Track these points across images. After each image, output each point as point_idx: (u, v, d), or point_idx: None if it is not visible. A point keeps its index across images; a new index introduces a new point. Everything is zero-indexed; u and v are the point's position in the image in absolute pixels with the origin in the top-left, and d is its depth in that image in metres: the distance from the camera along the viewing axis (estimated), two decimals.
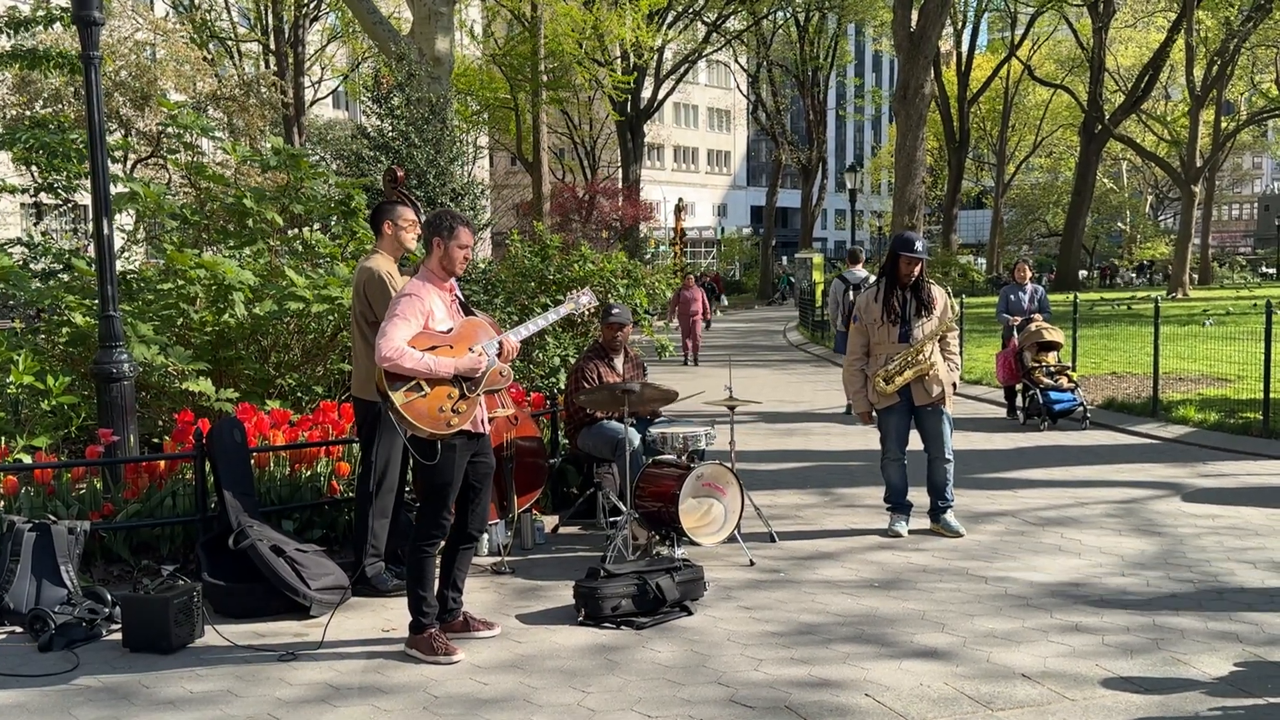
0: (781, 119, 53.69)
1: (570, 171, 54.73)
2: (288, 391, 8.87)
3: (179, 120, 10.33)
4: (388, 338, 4.87)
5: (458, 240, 5.11)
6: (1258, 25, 37.45)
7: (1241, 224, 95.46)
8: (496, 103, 38.46)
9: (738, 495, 6.94)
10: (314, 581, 5.83)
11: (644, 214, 42.07)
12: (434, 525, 5.16)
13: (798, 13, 48.01)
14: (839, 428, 12.30)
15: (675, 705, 4.53)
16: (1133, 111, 42.45)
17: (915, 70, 23.55)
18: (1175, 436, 11.19)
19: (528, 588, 6.31)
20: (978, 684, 4.67)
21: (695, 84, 72.25)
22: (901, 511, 7.49)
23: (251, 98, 27.98)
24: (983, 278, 47.09)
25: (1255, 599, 5.82)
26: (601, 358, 7.66)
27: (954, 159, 48.05)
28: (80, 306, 8.40)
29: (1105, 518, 7.79)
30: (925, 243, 7.63)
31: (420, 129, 12.89)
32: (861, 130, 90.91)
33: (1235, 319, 23.68)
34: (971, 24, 50.03)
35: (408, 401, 4.88)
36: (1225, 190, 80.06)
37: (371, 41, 19.55)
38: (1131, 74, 47.42)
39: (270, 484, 6.96)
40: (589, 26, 29.57)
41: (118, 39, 25.18)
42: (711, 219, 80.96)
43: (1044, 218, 69.81)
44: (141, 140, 24.84)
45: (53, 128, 12.46)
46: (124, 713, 4.56)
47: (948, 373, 7.38)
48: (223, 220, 9.84)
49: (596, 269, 10.85)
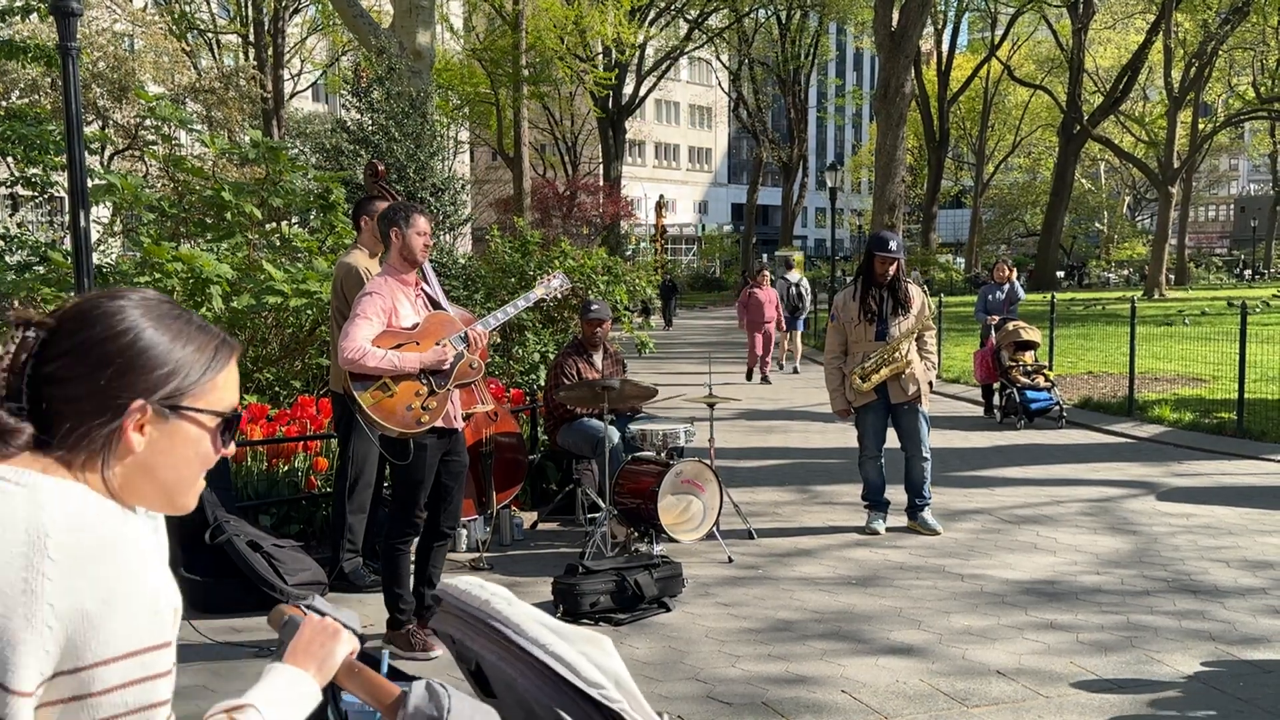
0: (763, 117, 53.77)
1: (551, 167, 54.68)
2: (265, 386, 8.84)
3: (157, 112, 10.28)
4: (349, 338, 4.80)
5: (415, 228, 5.03)
6: (1235, 28, 37.72)
7: (1218, 225, 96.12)
8: (477, 98, 38.37)
9: (716, 492, 6.95)
10: (291, 577, 5.82)
11: (625, 210, 42.06)
12: (407, 523, 5.15)
13: (779, 10, 48.10)
14: (818, 425, 12.34)
15: (653, 701, 4.53)
16: (1111, 112, 42.69)
17: (896, 69, 23.61)
18: (1150, 436, 11.27)
19: (506, 584, 6.25)
20: (953, 681, 4.70)
21: (677, 81, 72.20)
22: (879, 509, 7.52)
23: (230, 90, 27.82)
24: (961, 277, 47.29)
25: (1228, 597, 5.87)
26: (581, 354, 7.66)
27: (934, 158, 48.19)
28: (56, 299, 8.35)
29: (1080, 516, 7.84)
30: (900, 242, 7.66)
31: (400, 123, 12.84)
32: (842, 129, 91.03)
33: (1211, 319, 23.85)
34: (952, 24, 50.20)
35: (375, 402, 4.82)
36: (1202, 191, 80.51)
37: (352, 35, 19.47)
38: (1110, 75, 47.71)
39: (247, 479, 6.94)
40: (570, 22, 29.58)
41: (96, 30, 24.99)
42: (692, 216, 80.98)
43: (1022, 217, 70.10)
44: (119, 132, 24.69)
45: (29, 119, 12.38)
46: None
47: (924, 371, 7.41)
48: (200, 213, 9.79)
49: (577, 265, 10.84)
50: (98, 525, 1.27)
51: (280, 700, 1.44)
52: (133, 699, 1.24)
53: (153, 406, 1.36)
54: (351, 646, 1.61)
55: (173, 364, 1.38)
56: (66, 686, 1.21)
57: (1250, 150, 73.36)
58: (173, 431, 1.38)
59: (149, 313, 1.40)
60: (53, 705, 1.21)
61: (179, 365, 1.38)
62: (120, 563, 1.25)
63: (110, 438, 1.34)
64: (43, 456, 1.32)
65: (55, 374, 1.34)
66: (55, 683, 1.21)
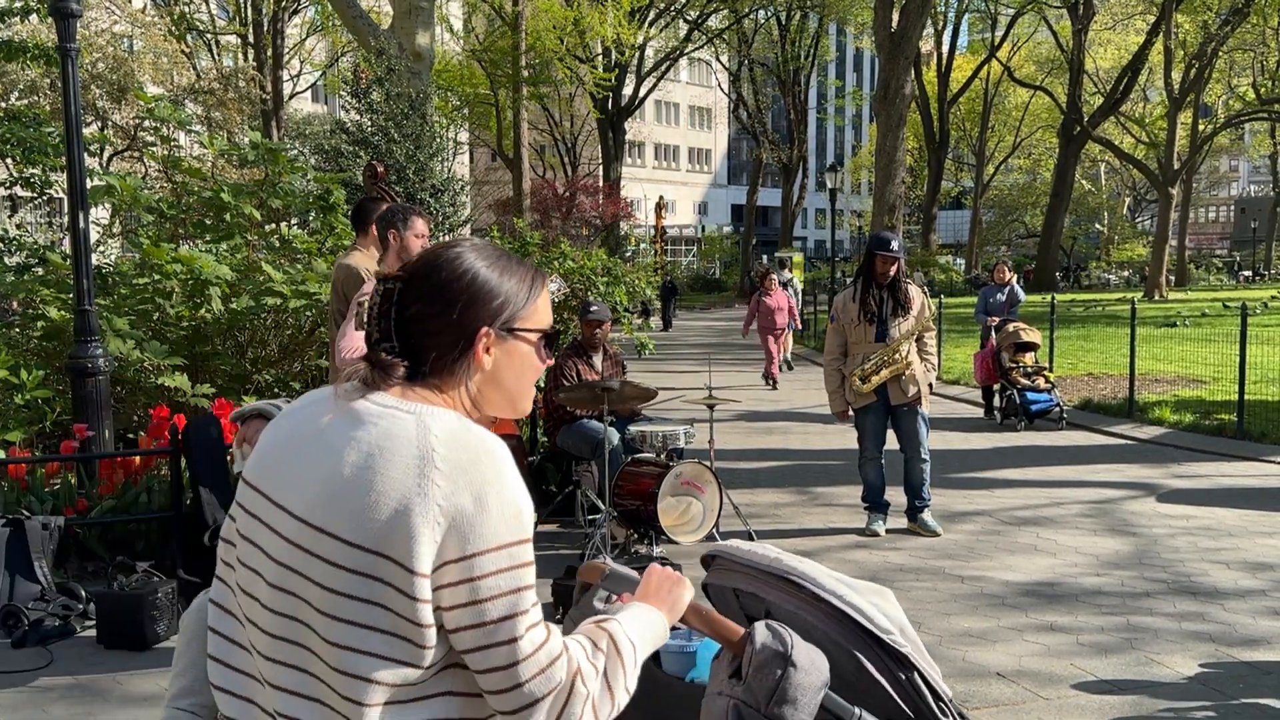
0: (763, 117, 53.74)
1: (551, 168, 54.66)
2: (265, 387, 8.83)
3: (156, 113, 10.28)
4: (347, 338, 4.79)
5: (413, 230, 5.03)
6: (1235, 29, 37.71)
7: (1218, 226, 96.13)
8: (477, 98, 38.36)
9: (716, 494, 6.94)
10: None
11: (624, 211, 42.05)
12: None
13: (779, 11, 48.08)
14: (817, 427, 12.33)
15: None
16: (1111, 113, 42.68)
17: (896, 70, 23.61)
18: (1150, 437, 11.26)
19: None
20: (953, 682, 4.69)
21: (676, 82, 72.20)
22: (879, 510, 7.51)
23: (230, 91, 27.85)
24: (961, 278, 47.29)
25: (1228, 599, 5.87)
26: (580, 355, 7.65)
27: (934, 159, 48.18)
28: (55, 300, 8.35)
29: (1080, 518, 7.84)
30: (901, 242, 7.65)
31: (400, 124, 12.84)
32: (842, 130, 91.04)
33: (1211, 321, 23.85)
34: (952, 25, 50.21)
35: None
36: (1202, 193, 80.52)
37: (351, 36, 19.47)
38: (1110, 76, 47.69)
39: None
40: (570, 23, 29.57)
41: (95, 31, 24.99)
42: (692, 217, 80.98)
43: (1023, 218, 70.09)
44: (118, 133, 24.70)
45: (28, 120, 12.38)
46: (97, 709, 4.53)
47: (924, 372, 7.40)
48: (199, 214, 9.79)
49: (576, 266, 10.84)
50: (471, 442, 1.55)
51: (638, 626, 1.70)
52: (505, 583, 1.50)
53: (494, 331, 1.66)
54: (693, 592, 1.85)
55: (505, 294, 1.68)
56: (454, 571, 1.48)
57: (1250, 151, 73.35)
58: (510, 350, 1.69)
59: (479, 255, 1.69)
60: (446, 587, 1.49)
61: (509, 295, 1.68)
62: (489, 472, 1.53)
63: (466, 361, 1.65)
64: (416, 385, 1.63)
65: (415, 315, 1.64)
66: (445, 569, 1.48)
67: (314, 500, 1.54)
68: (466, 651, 1.51)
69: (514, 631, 1.50)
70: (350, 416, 1.58)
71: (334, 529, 1.51)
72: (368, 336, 1.66)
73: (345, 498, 1.51)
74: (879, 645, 2.06)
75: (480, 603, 1.49)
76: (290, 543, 1.55)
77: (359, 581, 1.49)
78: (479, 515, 1.49)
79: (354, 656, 1.48)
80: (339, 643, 1.49)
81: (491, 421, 6.02)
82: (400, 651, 1.49)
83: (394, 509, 1.48)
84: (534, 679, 1.51)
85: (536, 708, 1.51)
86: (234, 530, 1.68)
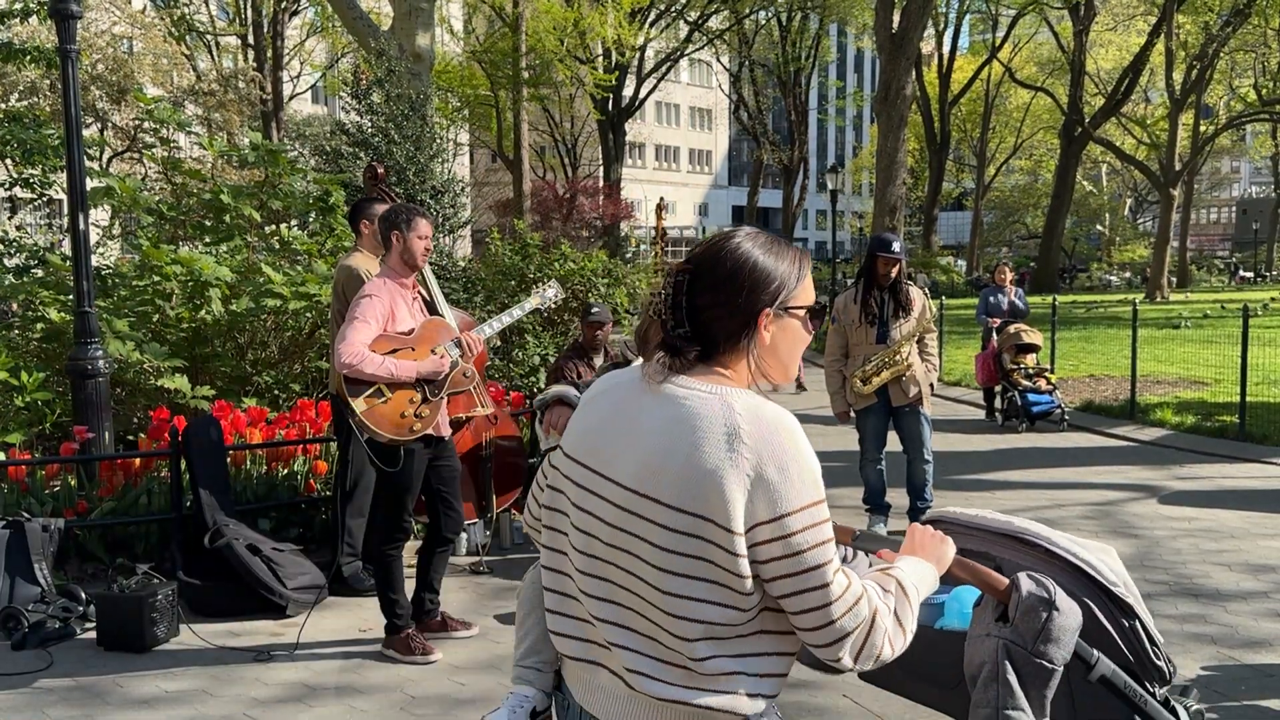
0: (763, 119, 53.73)
1: (551, 169, 54.65)
2: (264, 389, 8.82)
3: (156, 114, 10.27)
4: (347, 342, 4.76)
5: (417, 231, 5.01)
6: (1237, 30, 37.69)
7: (1220, 227, 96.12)
8: (477, 99, 38.36)
9: None
10: (290, 581, 5.80)
11: (625, 213, 42.03)
12: (396, 528, 5.12)
13: (780, 12, 48.07)
14: (818, 428, 12.30)
15: None
16: (1112, 114, 42.63)
17: (897, 72, 23.61)
18: (1152, 439, 11.24)
19: (506, 587, 6.29)
20: None
21: (677, 83, 72.19)
22: (880, 512, 7.49)
23: (229, 92, 27.85)
24: (962, 279, 47.27)
25: (1230, 601, 5.85)
26: (581, 357, 7.62)
27: (935, 160, 48.16)
28: (55, 302, 8.34)
29: (1082, 519, 7.82)
30: (903, 243, 7.63)
31: (400, 125, 12.82)
32: (843, 131, 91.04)
33: (1213, 322, 23.84)
34: (953, 26, 50.21)
35: (369, 408, 4.78)
36: (1204, 194, 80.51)
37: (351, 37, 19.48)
38: (1111, 77, 47.64)
39: (246, 482, 6.92)
40: (570, 24, 29.59)
41: (95, 32, 25.01)
42: (693, 218, 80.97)
43: (1024, 220, 70.09)
44: (118, 135, 24.69)
45: (28, 121, 12.38)
46: (97, 711, 4.52)
47: (925, 373, 7.38)
48: (199, 216, 9.78)
49: (577, 268, 10.81)
50: (771, 417, 1.78)
51: (916, 574, 1.94)
52: (812, 537, 1.75)
53: (773, 311, 1.88)
54: (954, 549, 2.09)
55: (779, 277, 1.90)
56: (767, 530, 1.74)
57: (1252, 153, 73.31)
58: (784, 326, 1.91)
59: (755, 243, 1.91)
60: (761, 544, 1.75)
61: (783, 277, 1.90)
62: (788, 443, 1.77)
63: (750, 340, 1.87)
64: (710, 365, 1.87)
65: (705, 304, 1.86)
66: (758, 529, 1.74)
67: (639, 472, 1.82)
68: (782, 596, 1.78)
69: (824, 578, 1.76)
70: (661, 398, 1.85)
71: (659, 496, 1.78)
72: (663, 325, 1.88)
73: (667, 469, 1.78)
74: (1108, 596, 2.35)
75: (793, 555, 1.75)
76: (621, 508, 1.83)
77: (685, 540, 1.76)
78: (783, 481, 1.74)
79: (684, 602, 1.76)
80: (671, 591, 1.77)
81: (493, 423, 5.95)
82: (723, 597, 1.76)
83: (710, 477, 1.74)
84: (844, 616, 1.77)
85: (846, 641, 1.78)
86: (563, 500, 1.95)
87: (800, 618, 1.78)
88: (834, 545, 1.79)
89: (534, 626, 2.17)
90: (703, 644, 1.78)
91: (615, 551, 1.84)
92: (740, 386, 1.86)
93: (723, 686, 1.80)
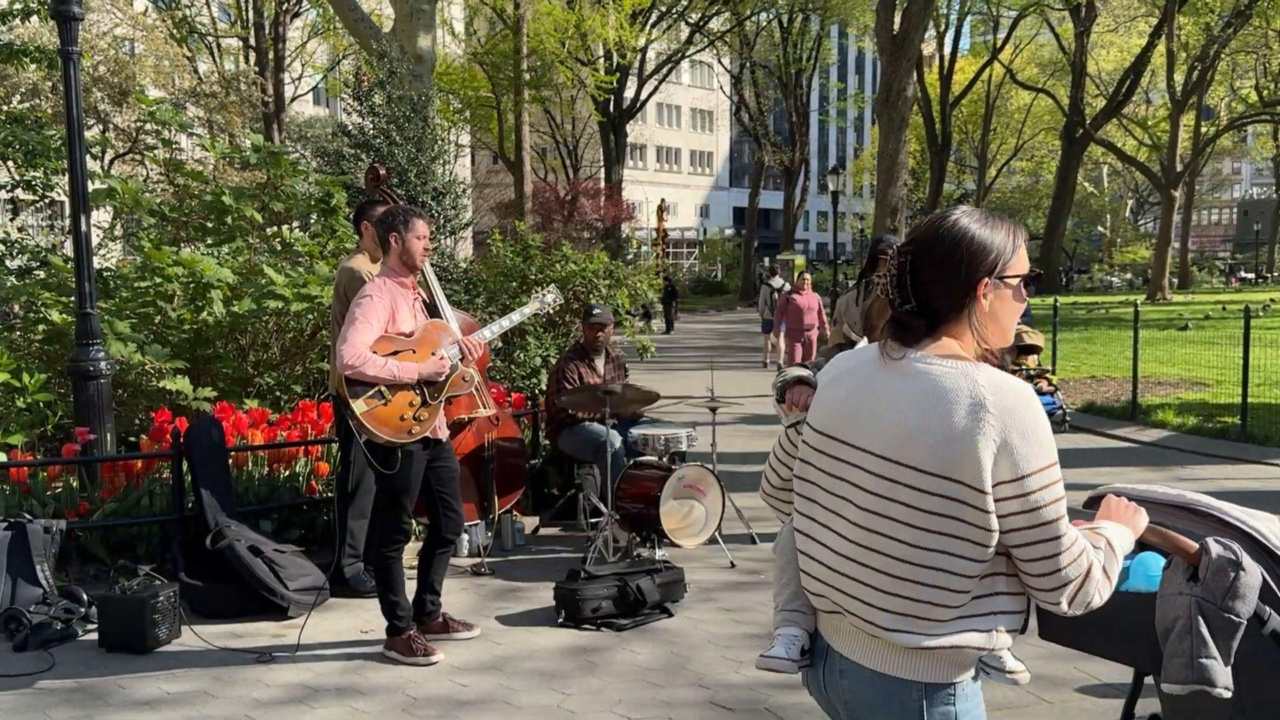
0: (764, 120, 53.72)
1: (552, 171, 54.64)
2: (266, 390, 8.82)
3: (158, 116, 10.28)
4: (349, 343, 4.76)
5: (415, 232, 5.01)
6: (1238, 31, 37.71)
7: (1221, 229, 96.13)
8: (478, 101, 38.37)
9: (719, 497, 6.93)
10: (292, 582, 5.80)
11: (626, 214, 42.03)
12: (395, 530, 5.12)
13: (781, 14, 48.07)
14: None
15: (655, 707, 4.52)
16: (1114, 116, 42.66)
17: (898, 73, 23.59)
18: (1154, 440, 11.24)
19: (508, 589, 6.29)
20: None
21: (678, 84, 72.18)
22: None
23: (231, 94, 27.86)
24: None
25: None
26: (583, 358, 7.63)
27: (936, 162, 48.15)
28: (57, 303, 8.34)
29: (1084, 520, 7.80)
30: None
31: (401, 127, 12.82)
32: (844, 132, 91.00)
33: (1214, 323, 23.82)
34: (954, 27, 50.20)
35: (369, 410, 4.78)
36: (1205, 195, 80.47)
37: (352, 38, 19.49)
38: (1113, 78, 47.64)
39: (248, 484, 6.92)
40: (572, 25, 29.58)
41: (97, 34, 25.02)
42: (694, 220, 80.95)
43: (1025, 221, 70.09)
44: (120, 136, 24.69)
45: (30, 123, 12.39)
46: (99, 713, 4.52)
47: None
48: (201, 217, 9.78)
49: (578, 269, 10.81)
50: (1011, 389, 1.99)
51: (1118, 535, 2.17)
52: (1049, 495, 1.98)
53: (990, 280, 2.06)
54: (1147, 518, 2.32)
55: (996, 249, 2.08)
56: (1009, 489, 1.96)
57: (1253, 154, 73.31)
58: (1000, 294, 2.08)
59: (972, 219, 2.10)
60: (1004, 500, 1.96)
61: (999, 249, 2.08)
62: (1028, 413, 1.98)
63: (971, 309, 2.06)
64: (936, 338, 2.07)
65: (929, 280, 2.06)
66: (1001, 487, 1.96)
67: (891, 442, 2.02)
68: (1018, 546, 2.00)
69: (1058, 531, 1.99)
70: (905, 375, 2.06)
71: (913, 462, 1.99)
72: (890, 303, 2.10)
73: (919, 438, 1.99)
74: (1274, 559, 2.57)
75: (1032, 511, 1.97)
76: (875, 475, 2.04)
77: (938, 501, 1.98)
78: (1025, 446, 1.96)
79: (935, 555, 1.98)
80: (925, 546, 1.99)
81: (495, 424, 5.95)
82: (970, 550, 1.98)
83: (960, 444, 1.95)
84: (1069, 566, 2.00)
85: (1068, 587, 2.01)
86: (812, 471, 2.18)
87: (1030, 564, 2.01)
88: (1065, 502, 2.00)
89: (795, 576, 2.33)
90: (951, 592, 1.99)
91: (868, 515, 2.05)
92: (970, 359, 2.06)
93: (970, 626, 2.02)
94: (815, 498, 2.18)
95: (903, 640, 2.02)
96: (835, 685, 2.18)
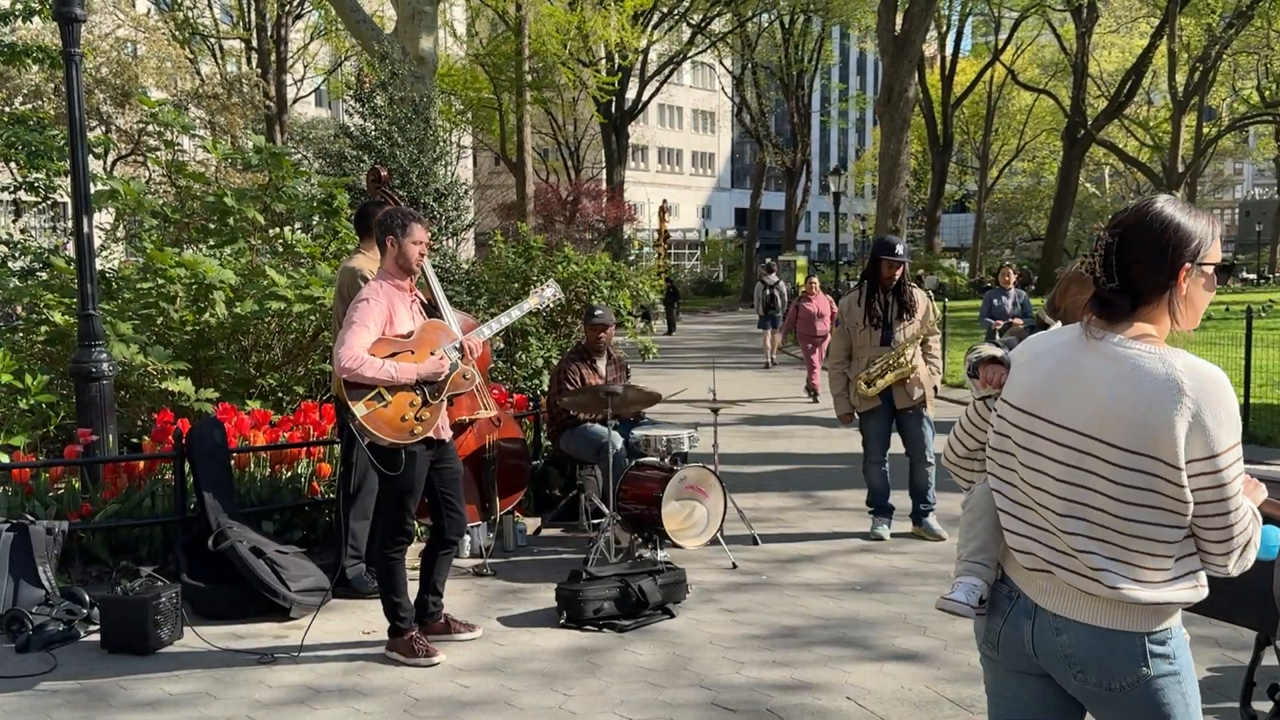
0: (766, 121, 53.74)
1: (554, 172, 54.67)
2: (268, 392, 8.83)
3: (160, 118, 10.27)
4: (346, 346, 4.76)
5: (411, 236, 5.01)
6: (1239, 32, 37.69)
7: (1222, 229, 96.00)
8: (480, 102, 38.39)
9: (720, 498, 6.93)
10: (294, 583, 5.80)
11: (628, 215, 42.05)
12: (398, 531, 5.13)
13: (782, 15, 48.07)
14: (821, 430, 12.31)
15: (656, 708, 4.52)
16: (1115, 117, 42.62)
17: (899, 74, 23.61)
18: None
19: (509, 590, 6.30)
20: (959, 687, 4.68)
21: (680, 85, 72.24)
22: (883, 515, 7.49)
23: (233, 96, 27.88)
24: (965, 282, 47.23)
25: None
26: (584, 359, 7.63)
27: (937, 163, 48.15)
28: (59, 305, 8.34)
29: None
30: (907, 246, 7.64)
31: (403, 128, 12.84)
32: (845, 133, 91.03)
33: (1216, 324, 23.78)
34: (955, 28, 50.18)
35: (369, 412, 4.78)
36: (1207, 195, 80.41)
37: (354, 40, 19.51)
38: (1114, 79, 47.60)
39: (250, 485, 6.93)
40: (573, 27, 29.55)
41: (99, 35, 25.04)
42: (695, 220, 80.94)
43: (1026, 222, 70.08)
44: (122, 138, 24.71)
45: (32, 124, 12.39)
46: (101, 714, 4.53)
47: (929, 376, 7.39)
48: (203, 219, 9.78)
49: (580, 270, 10.81)
50: (1206, 374, 2.18)
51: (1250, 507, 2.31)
52: (1234, 471, 2.21)
53: (1191, 265, 2.24)
54: (1266, 491, 2.48)
55: (1198, 236, 2.25)
56: (1201, 466, 2.17)
57: (1254, 154, 73.26)
58: (1198, 279, 2.27)
59: (1175, 207, 2.26)
60: (1196, 475, 2.17)
61: (1201, 236, 2.25)
62: (1221, 397, 2.18)
63: (1171, 292, 2.25)
64: (1134, 320, 2.27)
65: (1133, 261, 2.25)
66: (1194, 464, 2.17)
67: (1090, 418, 2.24)
68: (1202, 515, 2.22)
69: (1237, 503, 2.22)
70: (1105, 356, 2.26)
71: (1111, 439, 2.21)
72: (1096, 281, 2.29)
73: (1118, 416, 2.20)
74: None
75: (1220, 485, 2.19)
76: (1072, 448, 2.27)
77: (1137, 475, 2.19)
78: (1217, 428, 2.16)
79: (1137, 524, 2.22)
80: (1126, 516, 2.22)
81: (496, 425, 5.95)
82: (1169, 519, 2.21)
83: (1158, 424, 2.16)
84: (1240, 533, 2.25)
85: (1235, 553, 2.26)
86: (1009, 443, 2.40)
87: (1209, 532, 2.24)
88: (1242, 475, 2.23)
89: (983, 530, 2.55)
90: (1159, 556, 2.23)
91: (1068, 486, 2.27)
92: (1164, 344, 2.25)
93: (1182, 583, 2.28)
94: (1014, 467, 2.40)
95: (1126, 595, 2.24)
96: (1051, 641, 2.35)
